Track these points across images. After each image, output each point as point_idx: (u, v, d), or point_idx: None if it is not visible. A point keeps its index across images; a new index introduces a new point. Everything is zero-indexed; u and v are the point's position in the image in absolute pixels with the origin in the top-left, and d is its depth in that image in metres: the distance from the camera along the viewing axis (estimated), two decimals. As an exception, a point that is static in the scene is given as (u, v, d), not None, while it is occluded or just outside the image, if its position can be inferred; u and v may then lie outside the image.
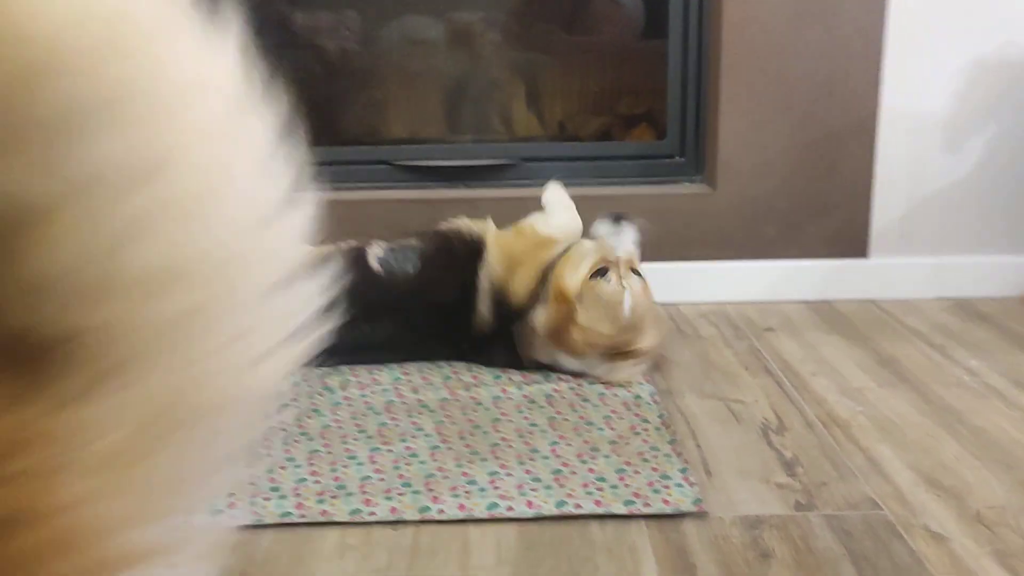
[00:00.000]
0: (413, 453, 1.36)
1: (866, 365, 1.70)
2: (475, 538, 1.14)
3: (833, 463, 1.32)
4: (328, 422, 1.48)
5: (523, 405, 1.54)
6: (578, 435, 1.41)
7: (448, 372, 1.69)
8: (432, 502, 1.21)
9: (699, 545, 1.11)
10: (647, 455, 1.34)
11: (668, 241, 2.11)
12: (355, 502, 1.22)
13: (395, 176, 2.20)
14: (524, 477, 1.28)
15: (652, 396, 1.56)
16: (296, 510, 1.20)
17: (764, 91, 2.04)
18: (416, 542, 1.13)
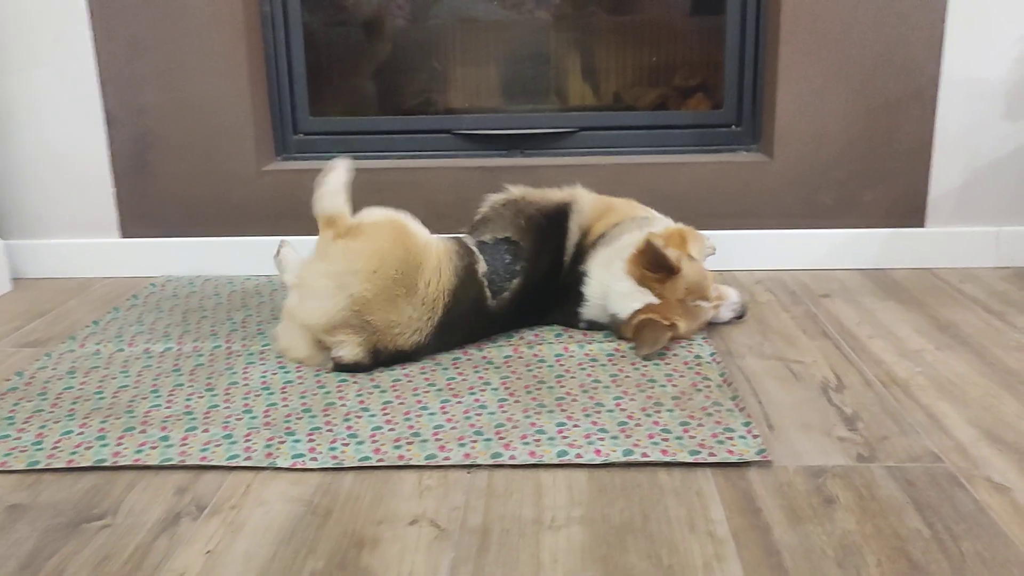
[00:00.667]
0: (482, 405, 1.41)
1: (923, 329, 1.72)
2: (547, 481, 1.18)
3: (894, 419, 1.34)
4: (398, 376, 1.53)
5: (585, 363, 1.57)
6: (641, 391, 1.45)
7: (511, 331, 1.73)
8: (504, 449, 1.26)
9: (764, 491, 1.14)
10: (710, 409, 1.37)
11: (724, 209, 2.12)
12: (430, 448, 1.27)
13: (456, 144, 2.24)
14: (591, 428, 1.32)
15: (712, 356, 1.59)
16: (374, 454, 1.25)
17: (823, 59, 2.04)
18: (491, 484, 1.18)
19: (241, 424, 1.36)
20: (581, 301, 1.68)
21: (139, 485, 1.20)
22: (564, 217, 1.76)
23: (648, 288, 1.62)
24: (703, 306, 1.65)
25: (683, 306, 1.63)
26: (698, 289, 1.64)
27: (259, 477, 1.21)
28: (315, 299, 1.51)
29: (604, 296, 1.65)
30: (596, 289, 1.66)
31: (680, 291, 1.62)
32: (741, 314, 1.75)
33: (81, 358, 1.65)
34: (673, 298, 1.62)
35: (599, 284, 1.66)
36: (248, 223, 2.19)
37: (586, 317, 1.69)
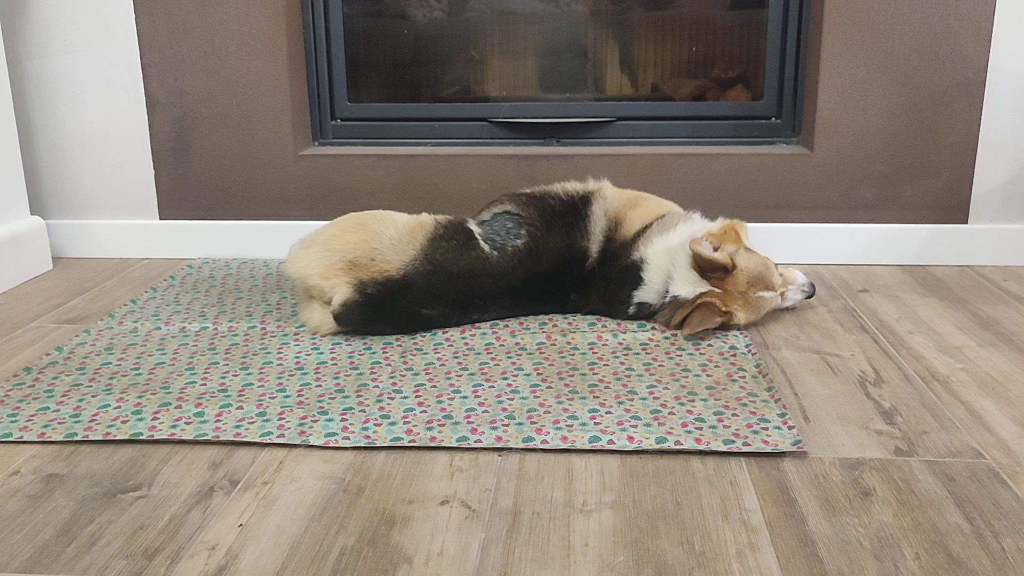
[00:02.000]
0: (514, 389, 1.40)
1: (965, 325, 1.68)
2: (578, 466, 1.18)
3: (933, 414, 1.32)
4: (431, 360, 1.53)
5: (619, 351, 1.56)
6: (675, 380, 1.44)
7: (544, 319, 1.73)
8: (536, 433, 1.25)
9: (799, 481, 1.13)
10: (745, 400, 1.36)
11: (763, 202, 2.10)
12: (462, 430, 1.27)
13: (492, 132, 2.24)
14: (623, 415, 1.31)
15: (747, 347, 1.57)
16: (406, 435, 1.26)
17: (866, 50, 2.01)
18: (522, 467, 1.18)
19: (275, 402, 1.37)
20: (638, 285, 1.67)
21: (174, 459, 1.21)
22: (585, 202, 1.77)
23: (711, 282, 1.62)
24: (766, 296, 1.64)
25: (745, 298, 1.62)
26: (760, 281, 1.63)
27: (292, 454, 1.22)
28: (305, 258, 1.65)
29: (666, 281, 1.65)
30: (656, 275, 1.66)
31: (741, 285, 1.62)
32: (811, 293, 1.74)
33: (119, 335, 1.68)
34: (735, 290, 1.62)
35: (660, 271, 1.66)
36: (284, 207, 2.20)
37: (638, 300, 1.68)
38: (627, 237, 1.73)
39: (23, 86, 2.18)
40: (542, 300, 1.73)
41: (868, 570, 0.95)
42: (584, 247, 1.73)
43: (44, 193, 2.25)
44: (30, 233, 2.10)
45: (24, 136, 2.21)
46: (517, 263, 1.68)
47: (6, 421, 1.31)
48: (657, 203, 1.82)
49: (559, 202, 1.77)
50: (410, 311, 1.62)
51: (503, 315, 1.71)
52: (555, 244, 1.71)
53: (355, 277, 1.60)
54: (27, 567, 0.98)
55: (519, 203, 1.76)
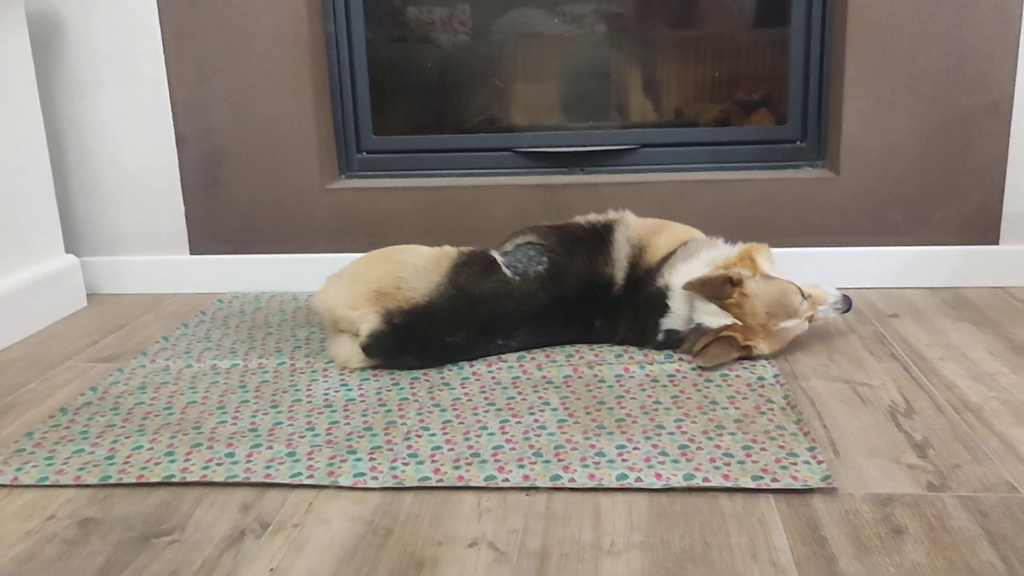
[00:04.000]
0: (541, 425, 1.41)
1: (998, 351, 1.66)
2: (606, 506, 1.18)
3: (966, 446, 1.30)
4: (458, 395, 1.54)
5: (646, 383, 1.56)
6: (703, 413, 1.43)
7: (570, 351, 1.73)
8: (563, 471, 1.26)
9: (829, 519, 1.12)
10: (773, 433, 1.35)
11: (789, 227, 2.09)
12: (489, 469, 1.27)
13: (516, 162, 2.26)
14: (651, 451, 1.31)
15: (776, 378, 1.56)
16: (434, 475, 1.26)
17: (891, 71, 2.00)
18: (549, 507, 1.18)
19: (304, 442, 1.38)
20: (665, 312, 1.68)
21: (206, 501, 1.23)
22: (607, 230, 1.78)
23: (730, 312, 1.62)
24: (789, 327, 1.63)
25: (766, 330, 1.62)
26: (780, 310, 1.62)
27: (321, 495, 1.23)
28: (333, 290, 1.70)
29: (691, 310, 1.65)
30: (681, 304, 1.66)
31: (760, 316, 1.61)
32: (846, 308, 1.71)
33: (151, 374, 1.71)
34: (755, 323, 1.61)
35: (685, 300, 1.66)
36: (312, 240, 2.23)
37: (666, 327, 1.68)
38: (652, 264, 1.73)
39: (57, 126, 2.24)
40: (566, 325, 1.74)
41: (900, 613, 0.94)
42: (608, 273, 1.74)
43: (78, 230, 2.30)
44: (65, 271, 2.14)
45: (58, 175, 2.26)
46: (539, 287, 1.69)
47: (43, 465, 1.34)
48: (681, 229, 1.82)
49: (581, 230, 1.78)
50: (436, 339, 1.64)
51: (527, 340, 1.72)
52: (577, 269, 1.72)
53: (382, 306, 1.62)
54: (64, 615, 1.00)
55: (540, 233, 1.77)
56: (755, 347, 1.62)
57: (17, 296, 1.97)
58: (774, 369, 1.60)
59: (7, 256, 1.98)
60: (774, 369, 1.60)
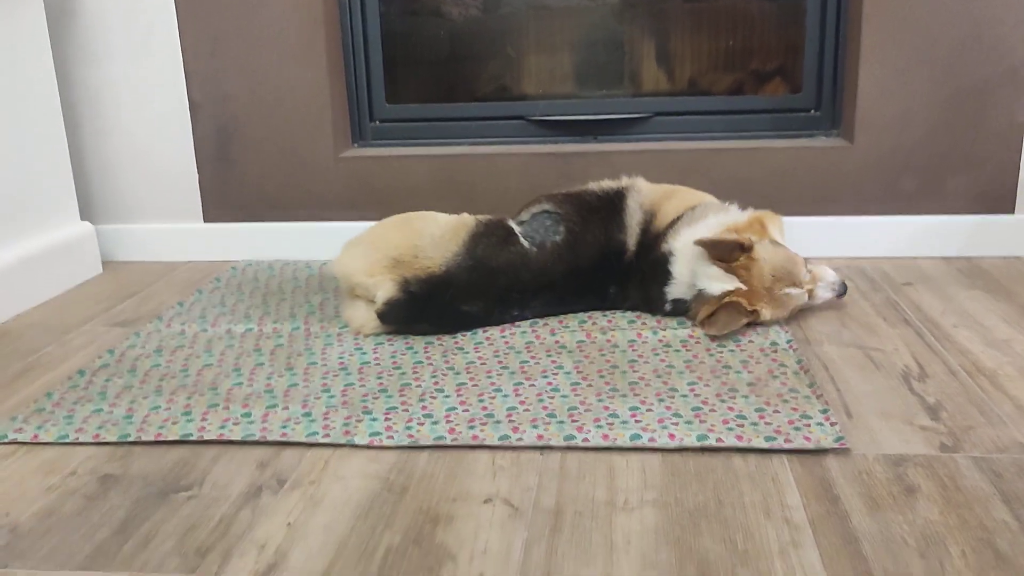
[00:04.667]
0: (555, 388, 1.41)
1: (1012, 318, 1.66)
2: (620, 464, 1.18)
3: (979, 409, 1.30)
4: (472, 359, 1.55)
5: (659, 348, 1.57)
6: (716, 377, 1.44)
7: (583, 317, 1.73)
8: (577, 431, 1.26)
9: (842, 478, 1.12)
10: (786, 396, 1.35)
11: (803, 196, 2.08)
12: (504, 429, 1.28)
13: (529, 131, 2.25)
14: (664, 412, 1.31)
15: (789, 343, 1.56)
16: (449, 434, 1.27)
17: (907, 39, 1.98)
18: (563, 466, 1.19)
19: (319, 403, 1.39)
20: (668, 280, 1.67)
21: (223, 459, 1.24)
22: (619, 197, 1.78)
23: (736, 275, 1.61)
24: (792, 294, 1.63)
25: (771, 294, 1.61)
26: (786, 276, 1.62)
27: (337, 454, 1.24)
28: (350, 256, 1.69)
29: (692, 275, 1.65)
30: (683, 268, 1.66)
31: (766, 279, 1.60)
32: (841, 292, 1.72)
33: (167, 337, 1.72)
34: (760, 286, 1.60)
35: (687, 264, 1.65)
36: (325, 209, 2.24)
37: (672, 296, 1.68)
38: (660, 229, 1.73)
39: (71, 94, 2.24)
40: (581, 294, 1.74)
41: (913, 568, 0.95)
42: (621, 240, 1.74)
43: (93, 198, 2.31)
44: (81, 238, 2.15)
45: (73, 143, 2.27)
46: (556, 258, 1.69)
47: (62, 423, 1.36)
48: (691, 195, 1.81)
49: (595, 198, 1.78)
50: (452, 308, 1.64)
51: (543, 311, 1.72)
52: (593, 238, 1.72)
53: (399, 274, 1.62)
54: (87, 564, 1.01)
55: (556, 202, 1.77)
56: (760, 312, 1.61)
57: (34, 262, 1.98)
58: (787, 335, 1.60)
59: (24, 223, 1.99)
60: (787, 335, 1.60)
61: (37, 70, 2.03)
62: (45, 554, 1.03)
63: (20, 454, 1.28)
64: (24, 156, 1.99)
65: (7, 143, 1.94)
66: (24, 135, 1.99)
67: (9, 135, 1.95)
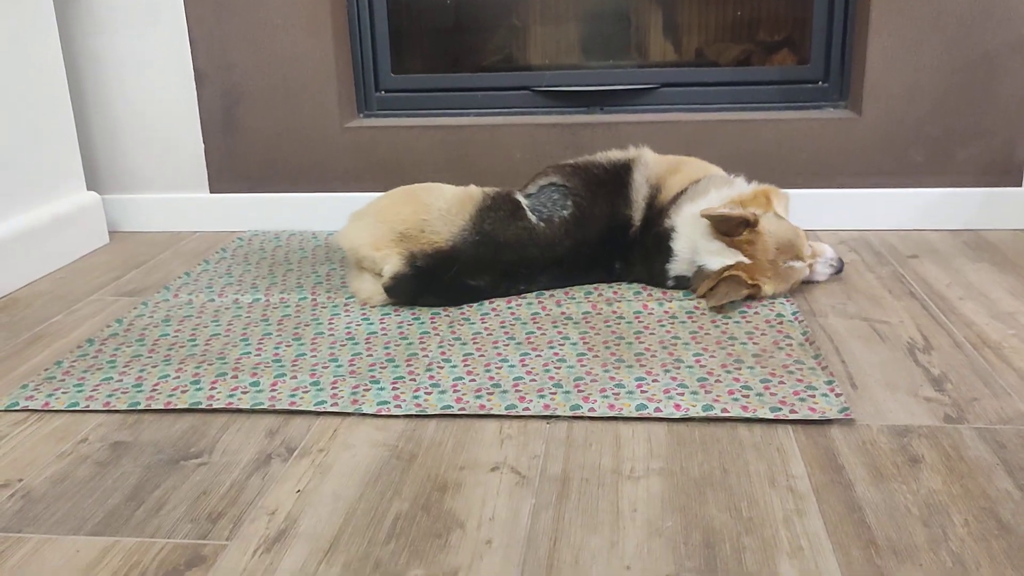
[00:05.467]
0: (561, 358, 1.42)
1: (1018, 291, 1.66)
2: (626, 434, 1.19)
3: (984, 381, 1.31)
4: (479, 330, 1.55)
5: (664, 319, 1.57)
6: (721, 348, 1.44)
7: (590, 288, 1.74)
8: (583, 401, 1.27)
9: (847, 448, 1.13)
10: (792, 367, 1.36)
11: (810, 168, 2.08)
12: (510, 398, 1.29)
13: (535, 101, 2.24)
14: (670, 383, 1.32)
15: (794, 315, 1.57)
16: (456, 403, 1.28)
17: (916, 9, 1.96)
18: (570, 435, 1.20)
19: (327, 372, 1.40)
20: (670, 256, 1.67)
21: (232, 427, 1.25)
22: (626, 170, 1.77)
23: (739, 249, 1.60)
24: (795, 267, 1.63)
25: (774, 267, 1.61)
26: (789, 248, 1.62)
27: (345, 422, 1.25)
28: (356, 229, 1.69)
29: (693, 251, 1.64)
30: (685, 244, 1.65)
31: (770, 252, 1.60)
32: (839, 269, 1.72)
33: (175, 307, 1.72)
34: (764, 259, 1.60)
35: (688, 240, 1.65)
36: (331, 179, 2.23)
37: (674, 273, 1.69)
38: (664, 203, 1.73)
39: (77, 64, 2.23)
40: (588, 269, 1.74)
41: (917, 536, 0.96)
42: (627, 215, 1.74)
43: (99, 168, 2.31)
44: (87, 208, 2.15)
45: (79, 113, 2.26)
46: (564, 233, 1.70)
47: (72, 391, 1.37)
48: (698, 167, 1.81)
49: (603, 171, 1.77)
50: (459, 282, 1.65)
51: (550, 285, 1.73)
52: (600, 213, 1.72)
53: (405, 248, 1.62)
54: (99, 530, 1.02)
55: (564, 174, 1.77)
56: (761, 286, 1.61)
57: (41, 232, 1.99)
58: (792, 307, 1.60)
59: (31, 193, 1.99)
60: (792, 307, 1.60)
61: (42, 40, 2.02)
62: (58, 519, 1.05)
63: (32, 421, 1.29)
64: (30, 126, 1.99)
65: (13, 114, 1.94)
66: (30, 105, 1.99)
67: (15, 105, 1.94)
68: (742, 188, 1.71)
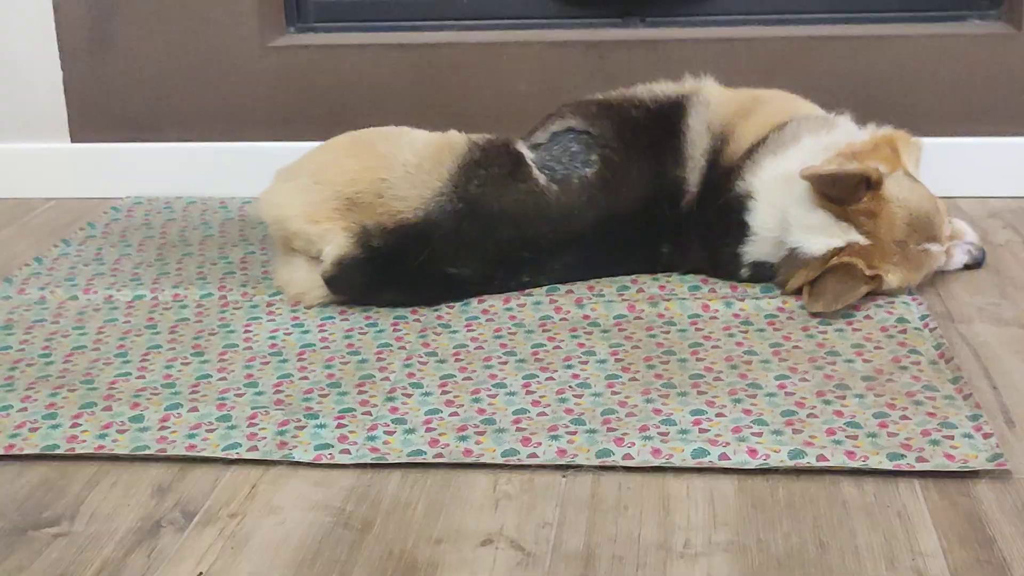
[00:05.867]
0: (583, 383, 1.43)
1: None
2: (677, 492, 1.20)
3: None
4: (463, 341, 1.56)
5: (734, 327, 1.58)
6: (817, 368, 1.45)
7: (625, 281, 1.75)
8: (615, 444, 1.27)
9: (999, 513, 1.14)
10: (919, 396, 1.36)
11: (945, 107, 2.08)
12: (509, 440, 1.29)
13: (547, 9, 2.24)
14: (742, 418, 1.33)
15: (924, 320, 1.57)
16: (430, 447, 1.28)
17: None
18: (596, 493, 1.20)
19: (242, 402, 1.40)
20: (744, 235, 1.68)
21: (104, 482, 1.25)
22: (677, 111, 1.78)
23: (853, 223, 1.60)
24: (932, 250, 1.64)
25: (903, 251, 1.61)
26: (926, 225, 1.62)
27: (269, 475, 1.25)
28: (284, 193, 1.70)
29: (782, 227, 1.65)
30: (768, 217, 1.66)
31: (899, 229, 1.61)
32: (979, 260, 1.73)
33: (20, 308, 1.73)
34: (890, 238, 1.60)
35: (773, 210, 1.66)
36: (248, 123, 2.24)
37: (751, 258, 1.69)
38: (734, 160, 1.73)
39: None
40: (621, 255, 1.75)
41: (1101, 640, 0.96)
42: (679, 177, 1.74)
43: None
44: None
45: None
46: (586, 201, 1.70)
47: None
48: (783, 105, 1.81)
49: (643, 112, 1.78)
50: (433, 271, 1.65)
51: (566, 276, 1.73)
52: (639, 173, 1.73)
53: (355, 222, 1.62)
54: (-91, 631, 1.02)
55: (588, 116, 1.77)
56: (884, 277, 1.61)
57: None
58: (921, 308, 1.61)
59: None
60: (921, 308, 1.61)
61: None
62: None
63: None
64: None
65: None
66: None
67: None
68: (851, 133, 1.71)
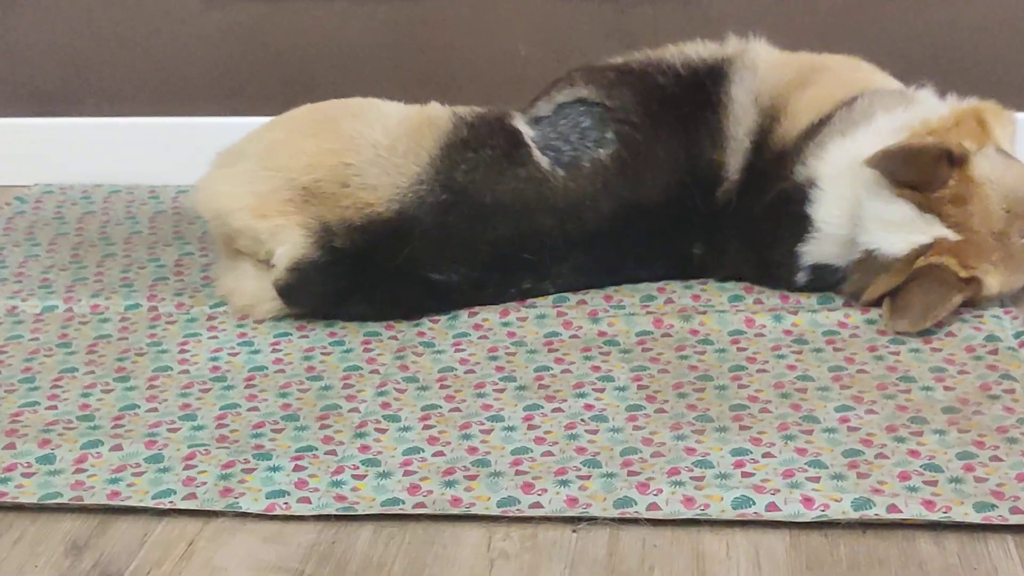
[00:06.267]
0: (599, 415, 1.43)
1: None
2: (715, 549, 1.20)
3: None
4: (450, 363, 1.56)
5: (785, 346, 1.58)
6: (888, 397, 1.45)
7: (651, 290, 1.75)
8: (637, 492, 1.28)
9: (1114, 577, 1.14)
10: (1013, 433, 1.37)
11: None
12: (507, 487, 1.29)
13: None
14: (795, 459, 1.33)
15: (1019, 339, 1.58)
16: (409, 495, 1.29)
17: None
18: (614, 552, 1.20)
19: (177, 438, 1.41)
20: (805, 231, 1.68)
21: (6, 537, 1.26)
22: (716, 78, 1.79)
23: (939, 214, 1.61)
24: None
25: (1003, 244, 1.62)
26: None
27: (209, 529, 1.26)
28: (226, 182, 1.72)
29: (852, 222, 1.65)
30: (837, 211, 1.67)
31: (995, 216, 1.61)
32: None
33: (-97, 322, 1.74)
34: (986, 229, 1.61)
35: (841, 201, 1.66)
36: (186, 95, 2.24)
37: (811, 260, 1.70)
38: (788, 142, 1.74)
39: None
40: (644, 256, 1.76)
41: None
42: (716, 162, 1.75)
43: None
44: None
45: None
46: (600, 189, 1.71)
47: None
48: (851, 75, 1.82)
49: (673, 81, 1.79)
50: (411, 277, 1.66)
51: (576, 284, 1.74)
52: (666, 156, 1.74)
53: (314, 217, 1.63)
54: None
55: (603, 84, 1.78)
56: (983, 280, 1.61)
57: None
58: (1016, 324, 1.61)
59: None
60: (1016, 324, 1.61)
61: None
62: None
63: None
64: None
65: None
66: None
67: None
68: (933, 108, 1.72)
